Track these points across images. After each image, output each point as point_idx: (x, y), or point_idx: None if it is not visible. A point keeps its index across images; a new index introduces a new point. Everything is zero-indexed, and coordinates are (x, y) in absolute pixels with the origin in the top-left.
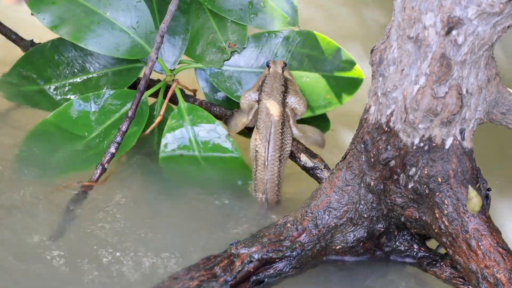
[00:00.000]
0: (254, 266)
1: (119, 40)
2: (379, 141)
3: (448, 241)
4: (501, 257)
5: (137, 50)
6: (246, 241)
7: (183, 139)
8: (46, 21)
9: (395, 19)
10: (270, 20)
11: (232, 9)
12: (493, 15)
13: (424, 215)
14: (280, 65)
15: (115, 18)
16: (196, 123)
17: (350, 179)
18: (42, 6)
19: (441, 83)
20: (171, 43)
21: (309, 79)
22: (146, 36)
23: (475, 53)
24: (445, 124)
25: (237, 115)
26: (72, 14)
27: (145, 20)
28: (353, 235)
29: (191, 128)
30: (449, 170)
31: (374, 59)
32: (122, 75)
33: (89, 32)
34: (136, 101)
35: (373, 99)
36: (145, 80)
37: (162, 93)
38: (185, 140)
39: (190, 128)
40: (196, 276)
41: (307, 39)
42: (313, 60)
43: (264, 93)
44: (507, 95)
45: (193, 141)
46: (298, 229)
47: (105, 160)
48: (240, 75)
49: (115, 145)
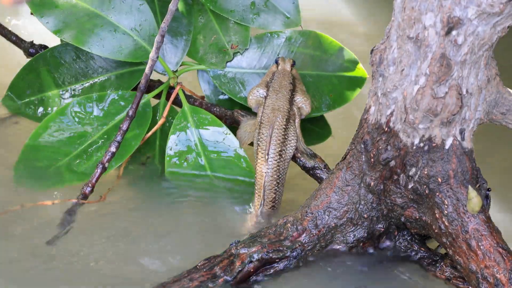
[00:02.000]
0: (254, 266)
1: (122, 43)
2: (379, 141)
3: (448, 241)
4: (501, 257)
5: (141, 53)
6: (246, 241)
7: (189, 141)
8: (49, 25)
9: (395, 19)
10: (273, 20)
11: (234, 10)
12: (493, 15)
13: (424, 215)
14: (289, 63)
15: (118, 21)
16: (200, 126)
17: (350, 179)
18: (45, 10)
19: (441, 83)
20: (173, 44)
21: (312, 79)
22: (149, 38)
23: (475, 53)
24: (445, 124)
25: (243, 123)
26: (75, 18)
27: (148, 22)
28: (353, 235)
29: (196, 130)
30: (449, 170)
31: (374, 59)
32: (125, 78)
33: (92, 36)
34: (136, 100)
35: (373, 99)
36: (145, 80)
37: (164, 95)
38: (191, 143)
39: (195, 130)
40: (196, 276)
41: (309, 39)
42: (316, 60)
43: (272, 89)
44: (507, 95)
45: (198, 145)
46: (298, 229)
47: (106, 159)
48: (243, 76)
49: (116, 144)
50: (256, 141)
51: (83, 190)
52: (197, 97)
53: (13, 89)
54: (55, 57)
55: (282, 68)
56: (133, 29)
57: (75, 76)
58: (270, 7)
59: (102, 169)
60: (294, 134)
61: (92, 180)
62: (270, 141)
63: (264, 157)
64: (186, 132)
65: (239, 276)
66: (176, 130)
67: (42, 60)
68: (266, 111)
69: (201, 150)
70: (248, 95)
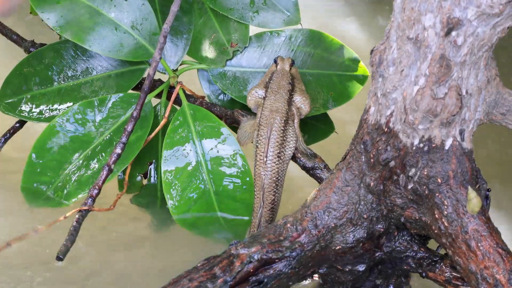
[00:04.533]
0: (254, 266)
1: (123, 41)
2: (379, 142)
3: (448, 241)
4: (501, 258)
5: (141, 52)
6: (246, 241)
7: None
8: (50, 21)
9: (394, 20)
10: (272, 18)
11: (233, 8)
12: (493, 16)
13: (423, 216)
14: (288, 63)
15: (119, 19)
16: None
17: (350, 179)
18: (47, 6)
19: (441, 84)
20: (173, 43)
21: (312, 78)
22: (150, 37)
23: (475, 54)
24: (444, 125)
25: (243, 123)
26: (76, 15)
27: (149, 21)
28: (352, 235)
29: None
30: (449, 171)
31: (374, 59)
32: (125, 77)
33: (93, 33)
34: (140, 101)
35: (372, 99)
36: (149, 81)
37: (165, 94)
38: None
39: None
40: (195, 277)
41: (309, 38)
42: (316, 59)
43: (271, 90)
44: (507, 95)
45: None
46: (297, 230)
47: (111, 161)
48: (243, 75)
49: (121, 145)
50: (255, 142)
51: (90, 192)
52: (197, 97)
53: (8, 86)
54: (53, 54)
55: (281, 68)
56: (134, 27)
57: (74, 75)
58: (269, 5)
59: (108, 171)
60: (293, 135)
61: (98, 182)
62: (268, 143)
63: (263, 159)
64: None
65: (238, 276)
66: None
67: (40, 56)
68: (264, 113)
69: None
70: (247, 96)
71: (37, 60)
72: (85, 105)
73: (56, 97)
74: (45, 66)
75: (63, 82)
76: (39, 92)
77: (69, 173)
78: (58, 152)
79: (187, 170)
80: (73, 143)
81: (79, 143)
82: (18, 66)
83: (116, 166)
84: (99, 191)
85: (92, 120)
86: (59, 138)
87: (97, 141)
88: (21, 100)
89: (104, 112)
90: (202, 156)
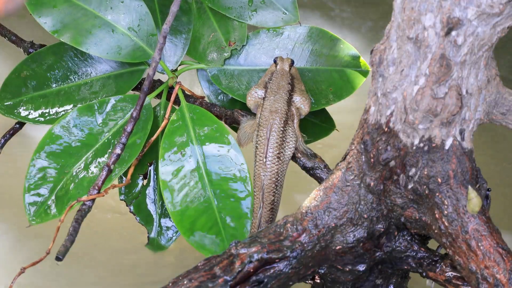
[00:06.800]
0: (254, 266)
1: (121, 43)
2: (379, 142)
3: (448, 241)
4: (501, 257)
5: (139, 53)
6: (246, 241)
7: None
8: (47, 25)
9: (394, 19)
10: (270, 17)
11: (231, 7)
12: (493, 15)
13: (424, 216)
14: (288, 63)
15: (116, 21)
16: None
17: (350, 179)
18: (43, 10)
19: (441, 83)
20: (172, 42)
21: (311, 74)
22: (147, 39)
23: (475, 53)
24: (445, 125)
25: (242, 123)
26: (73, 18)
27: (146, 22)
28: (353, 235)
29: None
30: (449, 171)
31: (374, 59)
32: (125, 78)
33: (90, 36)
34: (140, 101)
35: (373, 99)
36: (148, 81)
37: (165, 95)
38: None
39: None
40: (195, 277)
41: (308, 34)
42: (316, 55)
43: (270, 90)
44: (507, 95)
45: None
46: (298, 230)
47: (111, 161)
48: (242, 73)
49: (121, 146)
50: (254, 143)
51: (89, 193)
52: (197, 97)
53: (7, 88)
54: (53, 56)
55: (281, 68)
56: (131, 29)
57: (74, 76)
58: (267, 3)
59: (108, 172)
60: (292, 136)
61: (98, 182)
62: (268, 144)
63: (262, 160)
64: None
65: (239, 276)
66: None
67: (39, 58)
68: (264, 113)
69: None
70: (247, 96)
71: (36, 61)
72: (85, 108)
73: (56, 99)
74: (44, 67)
75: (62, 84)
76: (38, 94)
77: (69, 178)
78: (57, 159)
79: (186, 171)
80: (73, 148)
81: (80, 148)
82: (17, 68)
83: (116, 167)
84: (99, 191)
85: (93, 123)
86: (59, 144)
87: (98, 145)
88: (20, 102)
89: (104, 114)
90: (201, 157)
